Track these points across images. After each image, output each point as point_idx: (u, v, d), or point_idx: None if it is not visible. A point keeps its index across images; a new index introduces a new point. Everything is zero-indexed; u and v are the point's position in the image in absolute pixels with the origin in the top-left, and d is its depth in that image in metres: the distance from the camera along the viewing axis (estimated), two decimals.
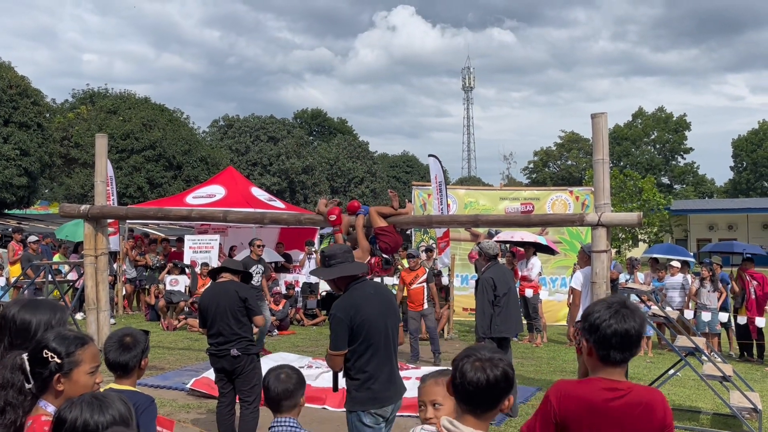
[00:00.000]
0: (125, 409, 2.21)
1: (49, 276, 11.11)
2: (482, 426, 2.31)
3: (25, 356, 2.39)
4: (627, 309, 2.56)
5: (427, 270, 11.70)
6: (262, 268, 11.57)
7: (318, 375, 8.73)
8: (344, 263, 4.55)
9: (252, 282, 11.17)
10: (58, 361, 2.38)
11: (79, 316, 12.93)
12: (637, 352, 2.59)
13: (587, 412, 2.50)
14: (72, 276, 13.58)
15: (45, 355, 2.37)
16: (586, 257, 8.51)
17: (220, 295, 6.27)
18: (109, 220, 9.64)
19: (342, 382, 4.53)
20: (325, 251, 4.70)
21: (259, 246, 11.57)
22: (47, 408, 2.37)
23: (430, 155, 14.37)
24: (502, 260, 12.79)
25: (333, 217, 7.56)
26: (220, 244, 16.47)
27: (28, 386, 2.35)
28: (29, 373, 2.37)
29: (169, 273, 15.33)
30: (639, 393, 2.55)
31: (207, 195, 16.54)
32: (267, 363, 7.08)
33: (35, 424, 2.32)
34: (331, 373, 8.89)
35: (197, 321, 14.03)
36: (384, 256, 7.20)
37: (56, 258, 15.41)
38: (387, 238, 7.23)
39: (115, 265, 15.36)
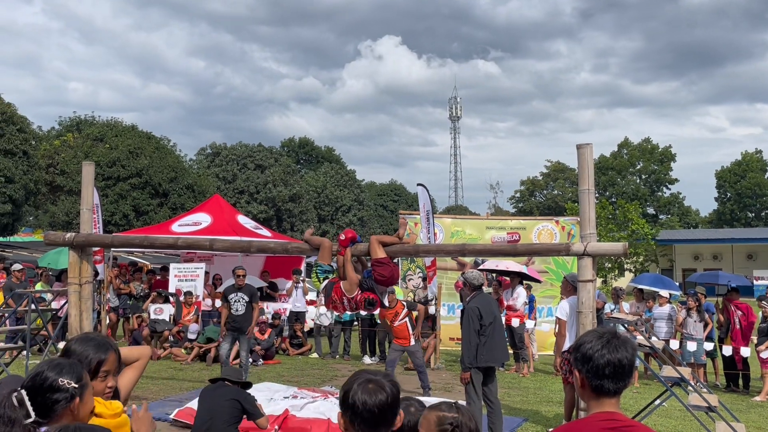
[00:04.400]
0: None
1: (33, 305, 11.00)
2: None
3: (23, 391, 2.41)
4: (618, 339, 2.55)
5: (405, 303, 11.63)
6: (243, 297, 11.35)
7: (303, 405, 8.65)
8: None
9: (232, 311, 11.10)
10: (75, 386, 2.45)
11: (62, 345, 12.78)
12: (629, 382, 2.58)
13: None
14: (56, 304, 13.45)
15: (62, 383, 2.43)
16: (569, 287, 8.54)
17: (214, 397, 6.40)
18: (94, 249, 9.58)
19: None
20: None
21: (238, 276, 11.45)
22: None
23: (418, 184, 14.43)
24: (488, 289, 12.82)
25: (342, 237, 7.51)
26: (206, 272, 16.38)
27: (28, 420, 2.36)
28: (30, 408, 2.38)
29: (153, 302, 15.21)
30: (641, 429, 2.52)
31: (193, 223, 16.49)
32: (252, 393, 7.01)
33: None
34: (317, 403, 8.84)
35: (182, 350, 13.98)
36: (373, 288, 7.11)
37: (38, 286, 15.26)
38: (383, 270, 7.14)
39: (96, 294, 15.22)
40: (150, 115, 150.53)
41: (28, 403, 2.37)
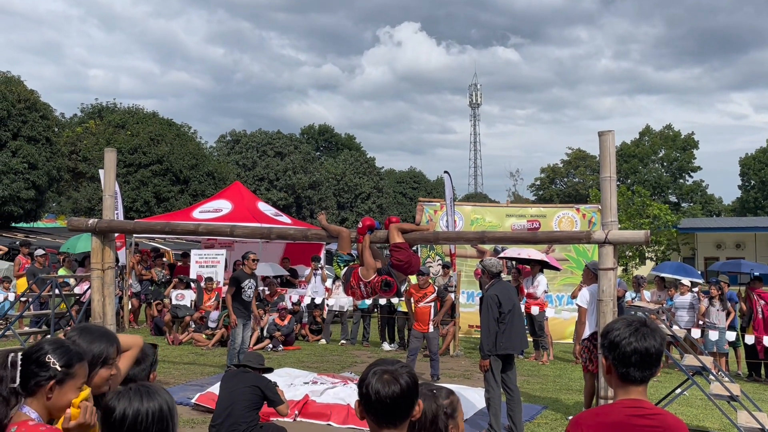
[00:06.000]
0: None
1: (56, 290, 11.13)
2: None
3: (20, 355, 2.39)
4: (647, 327, 2.54)
5: (437, 288, 11.63)
6: (254, 284, 11.21)
7: (323, 391, 8.71)
8: None
9: (243, 297, 10.92)
10: (58, 368, 2.39)
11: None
12: (657, 371, 2.56)
13: (613, 431, 2.47)
14: (78, 290, 13.61)
15: (48, 360, 2.38)
16: (591, 275, 8.49)
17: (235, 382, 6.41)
18: (116, 235, 9.67)
19: None
20: None
21: (254, 260, 11.20)
22: (31, 414, 2.36)
23: (445, 172, 14.52)
24: (507, 277, 12.78)
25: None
26: (226, 259, 16.48)
27: (13, 385, 2.34)
28: (18, 373, 2.36)
29: (174, 288, 15.35)
30: (667, 417, 2.51)
31: (213, 210, 16.58)
32: (272, 378, 7.08)
33: (22, 428, 2.30)
34: (336, 389, 8.88)
35: (202, 335, 14.10)
36: (392, 274, 7.13)
37: (61, 271, 15.44)
38: (400, 254, 7.16)
39: (118, 280, 15.38)
40: (170, 102, 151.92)
41: (18, 369, 2.35)
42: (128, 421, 2.20)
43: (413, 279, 13.55)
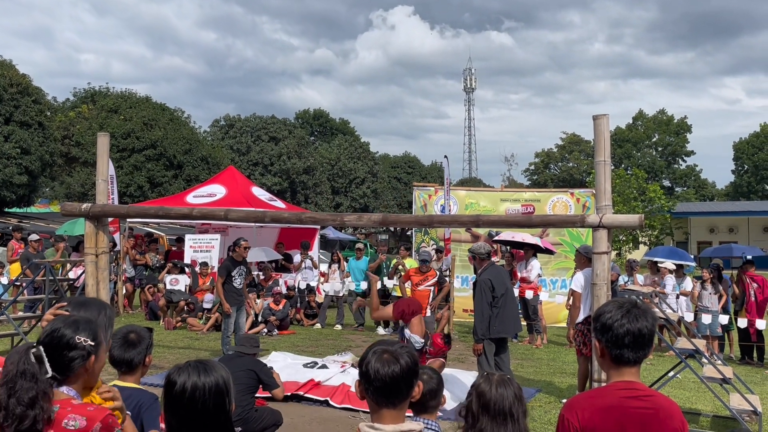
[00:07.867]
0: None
1: (50, 275, 11.11)
2: (401, 417, 2.35)
3: (41, 347, 2.38)
4: (638, 309, 2.56)
5: (438, 273, 11.64)
6: (245, 270, 11.04)
7: (330, 376, 8.73)
8: None
9: (234, 284, 10.71)
10: (92, 344, 2.45)
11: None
12: (649, 352, 2.58)
13: (607, 413, 2.47)
14: (72, 274, 13.60)
15: (78, 341, 2.41)
16: (583, 259, 8.51)
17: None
18: (109, 219, 9.64)
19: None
20: None
21: (245, 248, 10.93)
22: (70, 392, 2.40)
23: (445, 156, 14.63)
24: (501, 261, 12.81)
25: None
26: (220, 243, 16.45)
27: (46, 376, 2.33)
28: (47, 363, 2.35)
29: (168, 273, 15.32)
30: (660, 399, 2.54)
31: (207, 194, 16.54)
32: (266, 361, 7.09)
33: (66, 407, 2.31)
34: (339, 373, 8.90)
35: (197, 320, 14.09)
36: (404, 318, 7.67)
37: (48, 252, 15.42)
38: (403, 314, 7.80)
39: (112, 265, 15.34)
40: (162, 87, 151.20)
41: (46, 360, 2.35)
42: (188, 394, 2.38)
43: (411, 263, 13.59)
